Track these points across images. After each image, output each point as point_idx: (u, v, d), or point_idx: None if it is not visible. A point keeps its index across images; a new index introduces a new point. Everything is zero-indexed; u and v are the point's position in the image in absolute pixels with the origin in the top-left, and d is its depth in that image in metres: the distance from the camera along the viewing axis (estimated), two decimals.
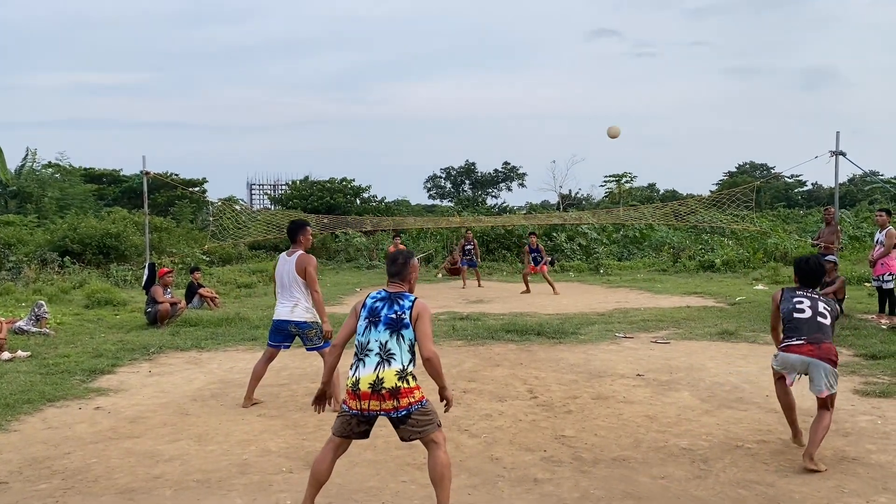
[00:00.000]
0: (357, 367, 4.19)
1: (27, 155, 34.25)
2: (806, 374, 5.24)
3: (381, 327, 4.22)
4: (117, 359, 9.19)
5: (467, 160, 64.03)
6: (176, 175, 40.20)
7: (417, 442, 4.26)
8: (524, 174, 63.57)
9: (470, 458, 5.32)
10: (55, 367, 8.65)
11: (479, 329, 11.01)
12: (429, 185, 65.13)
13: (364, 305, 4.34)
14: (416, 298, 4.36)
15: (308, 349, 7.19)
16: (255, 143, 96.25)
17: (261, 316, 12.78)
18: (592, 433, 5.90)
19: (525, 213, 39.57)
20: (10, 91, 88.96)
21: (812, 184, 61.96)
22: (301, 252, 6.91)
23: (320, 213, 31.93)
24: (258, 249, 29.22)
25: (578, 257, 26.40)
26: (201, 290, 15.00)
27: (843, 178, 42.85)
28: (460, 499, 4.55)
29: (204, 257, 24.11)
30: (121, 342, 10.40)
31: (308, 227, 7.17)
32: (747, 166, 70.18)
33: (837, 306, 11.09)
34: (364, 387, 4.10)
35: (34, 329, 11.13)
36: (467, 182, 64.66)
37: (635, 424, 6.13)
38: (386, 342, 4.19)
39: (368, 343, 4.21)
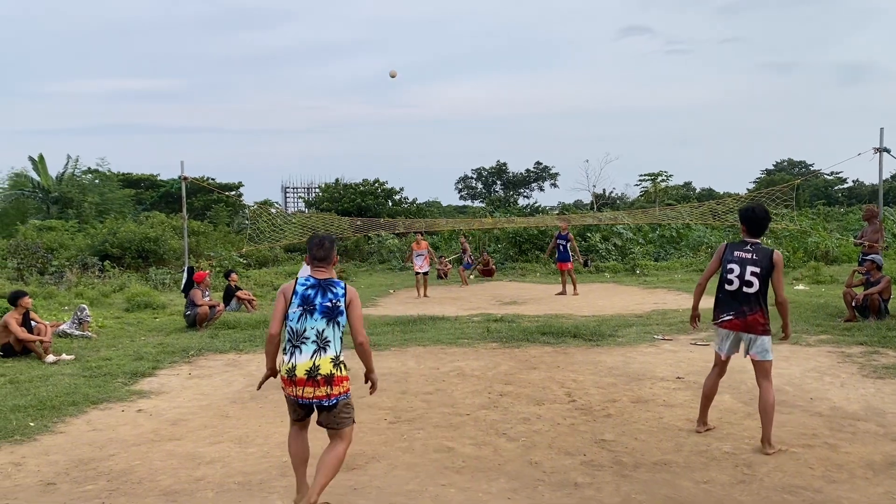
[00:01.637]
0: (293, 355, 4.28)
1: (69, 161, 35.02)
2: (737, 349, 5.70)
3: (317, 315, 4.30)
4: (158, 361, 9.33)
5: (499, 160, 64.00)
6: (212, 179, 40.80)
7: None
8: (556, 174, 63.35)
9: (509, 462, 5.29)
10: (98, 369, 8.81)
11: (514, 331, 10.96)
12: (460, 186, 65.22)
13: (294, 292, 4.37)
14: (346, 284, 4.46)
15: None
16: (288, 147, 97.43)
17: None
18: (633, 437, 5.83)
19: (557, 214, 39.34)
20: (51, 98, 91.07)
21: (853, 181, 60.76)
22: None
23: (353, 216, 32.12)
24: (293, 252, 29.49)
25: (614, 258, 26.16)
26: (239, 293, 15.17)
27: (886, 175, 41.86)
28: (500, 503, 4.53)
29: (241, 260, 24.40)
30: (161, 345, 10.56)
31: (335, 245, 8.17)
32: (785, 164, 69.05)
33: (884, 306, 10.90)
34: (300, 373, 4.23)
35: (77, 332, 11.36)
36: (499, 182, 64.58)
37: (676, 428, 6.04)
38: (323, 330, 4.30)
39: (305, 331, 4.29)
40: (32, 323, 9.96)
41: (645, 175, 53.33)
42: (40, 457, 5.62)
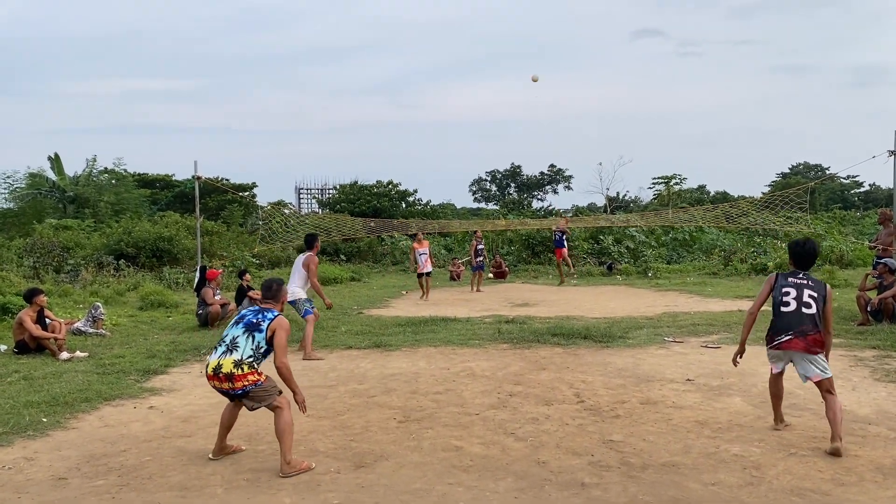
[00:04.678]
0: (212, 354, 5.22)
1: (88, 163, 35.29)
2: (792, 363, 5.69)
3: (240, 326, 5.20)
4: (170, 359, 9.41)
5: (512, 163, 64.00)
6: (226, 180, 40.95)
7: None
8: (570, 176, 63.23)
9: (516, 461, 5.30)
10: (111, 367, 8.90)
11: (525, 332, 10.96)
12: (474, 189, 65.23)
13: (239, 314, 5.36)
14: (278, 315, 5.25)
15: (303, 316, 9.96)
16: (302, 148, 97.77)
17: None
18: (641, 438, 5.82)
19: (571, 216, 39.25)
20: (68, 99, 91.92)
21: (869, 185, 60.22)
22: (309, 253, 10.15)
23: (367, 217, 32.18)
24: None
25: (626, 260, 26.08)
26: (251, 293, 15.19)
27: None
28: (507, 503, 4.54)
29: (253, 260, 24.51)
30: (173, 343, 10.65)
31: (318, 238, 10.54)
32: (801, 167, 68.56)
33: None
34: (209, 370, 5.14)
35: (91, 330, 11.47)
36: (512, 185, 64.56)
37: (685, 430, 6.03)
38: (237, 337, 5.15)
39: (225, 336, 5.21)
40: (47, 320, 10.06)
41: (658, 178, 53.03)
42: (52, 452, 5.69)
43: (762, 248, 25.49)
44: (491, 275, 24.54)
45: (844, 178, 58.28)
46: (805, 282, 5.63)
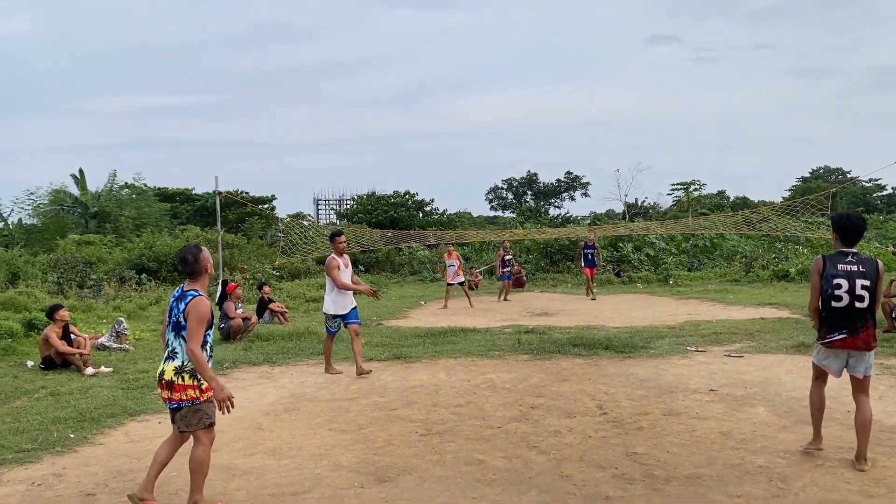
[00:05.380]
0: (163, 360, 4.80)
1: (109, 177, 35.75)
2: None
3: (170, 327, 4.74)
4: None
5: (529, 171, 63.87)
6: (245, 193, 41.31)
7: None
8: (587, 183, 62.99)
9: (539, 475, 5.29)
10: (135, 382, 8.98)
11: (545, 343, 10.93)
12: (490, 197, 65.17)
13: (169, 305, 4.80)
14: (192, 298, 4.66)
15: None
16: (320, 159, 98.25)
17: None
18: (665, 450, 5.79)
19: (589, 224, 39.13)
20: (89, 115, 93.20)
21: (892, 188, 59.51)
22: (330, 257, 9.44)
23: (385, 227, 32.29)
24: (325, 264, 29.68)
25: (646, 268, 25.95)
26: (272, 305, 15.34)
27: None
28: None
29: (274, 272, 24.66)
30: None
31: (336, 234, 9.74)
32: (821, 171, 67.92)
33: None
34: (157, 376, 4.77)
35: (115, 345, 11.59)
36: (529, 193, 64.44)
37: (709, 441, 5.99)
38: (171, 341, 4.74)
39: (167, 341, 4.78)
40: (72, 336, 10.19)
41: (677, 184, 52.73)
42: (80, 468, 5.76)
43: (784, 254, 25.26)
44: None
45: (866, 182, 57.63)
46: (856, 268, 5.14)
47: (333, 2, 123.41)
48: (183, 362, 4.64)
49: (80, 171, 34.92)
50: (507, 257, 20.01)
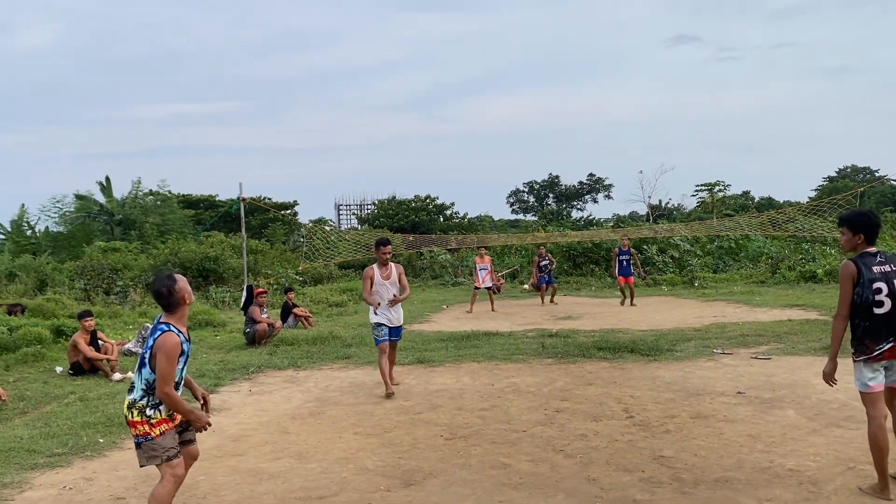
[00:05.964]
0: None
1: (133, 185, 36.23)
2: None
3: (138, 362, 4.51)
4: (219, 378, 9.56)
5: (550, 173, 63.74)
6: (268, 199, 41.64)
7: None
8: (610, 185, 62.72)
9: (566, 478, 5.26)
10: None
11: (570, 346, 10.88)
12: (511, 200, 65.11)
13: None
14: (161, 334, 4.39)
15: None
16: (341, 164, 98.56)
17: (353, 335, 13.09)
18: (692, 453, 5.73)
19: (612, 226, 38.92)
20: (114, 123, 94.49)
21: None
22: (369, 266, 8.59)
23: (406, 232, 32.38)
24: (347, 269, 29.85)
25: (671, 270, 25.72)
26: (296, 310, 15.43)
27: None
28: None
29: (297, 277, 24.82)
30: (222, 362, 10.82)
31: (382, 243, 8.66)
32: (849, 170, 67.00)
33: None
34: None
35: (141, 350, 11.71)
36: (551, 195, 64.28)
37: (738, 444, 5.92)
38: (134, 376, 4.54)
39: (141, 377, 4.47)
40: (100, 342, 10.32)
41: (701, 185, 52.27)
42: (110, 472, 5.83)
43: (811, 254, 24.93)
44: (527, 287, 24.45)
45: (895, 181, 56.70)
46: (889, 267, 4.69)
47: (352, 8, 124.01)
48: (135, 399, 4.40)
49: (107, 179, 35.48)
50: (543, 263, 20.05)
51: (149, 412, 4.37)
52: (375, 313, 8.47)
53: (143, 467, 4.64)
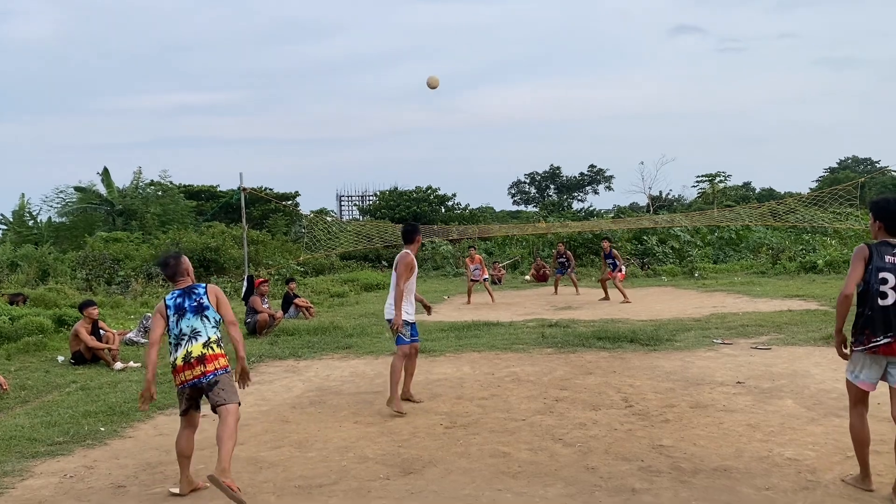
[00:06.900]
0: (174, 351, 5.03)
1: (134, 175, 36.18)
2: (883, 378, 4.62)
3: (188, 315, 5.01)
4: None
5: (552, 164, 63.74)
6: (270, 189, 41.61)
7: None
8: (611, 176, 62.73)
9: (565, 467, 5.28)
10: (163, 376, 9.02)
11: (570, 336, 10.90)
12: (513, 191, 65.10)
13: (168, 306, 5.06)
14: (206, 285, 5.15)
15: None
16: (343, 155, 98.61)
17: (353, 325, 13.10)
18: (691, 442, 5.75)
19: (613, 217, 38.90)
20: (115, 114, 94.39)
21: None
22: (404, 250, 7.51)
23: (407, 223, 32.36)
24: (349, 259, 29.87)
25: (671, 261, 25.74)
26: (297, 301, 15.45)
27: None
28: None
29: (298, 268, 24.83)
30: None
31: (416, 231, 7.79)
32: (850, 161, 66.94)
33: None
34: (179, 362, 4.99)
35: (143, 340, 11.73)
36: (552, 186, 64.26)
37: (736, 433, 5.93)
38: (193, 325, 5.00)
39: (181, 331, 5.00)
40: (101, 331, 10.35)
41: (702, 176, 52.27)
42: (111, 460, 5.85)
43: (811, 245, 24.92)
44: (528, 278, 24.48)
45: None
46: None
47: None
48: (209, 337, 4.98)
49: (105, 170, 35.38)
50: (561, 260, 20.11)
51: (222, 343, 5.06)
52: (408, 312, 7.28)
53: (218, 406, 5.01)
